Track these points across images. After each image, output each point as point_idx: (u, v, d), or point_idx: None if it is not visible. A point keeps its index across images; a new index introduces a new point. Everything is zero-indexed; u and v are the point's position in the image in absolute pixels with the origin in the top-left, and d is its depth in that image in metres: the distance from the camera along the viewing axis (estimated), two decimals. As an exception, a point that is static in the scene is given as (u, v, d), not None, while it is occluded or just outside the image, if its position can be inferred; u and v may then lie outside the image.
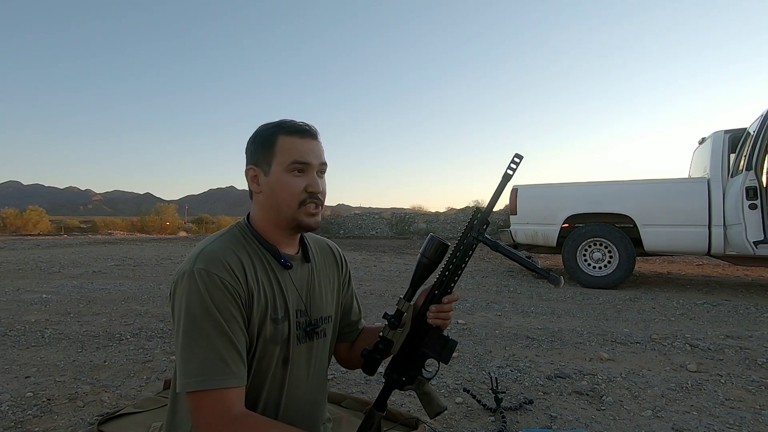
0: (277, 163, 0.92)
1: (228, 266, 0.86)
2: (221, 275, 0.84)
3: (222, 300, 0.83)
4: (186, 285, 0.83)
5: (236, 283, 0.86)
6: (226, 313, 0.83)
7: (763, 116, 4.19)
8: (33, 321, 3.10)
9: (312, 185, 0.93)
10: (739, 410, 1.74)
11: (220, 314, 0.82)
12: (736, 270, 6.39)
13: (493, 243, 0.92)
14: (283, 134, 0.93)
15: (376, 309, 3.60)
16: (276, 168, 0.92)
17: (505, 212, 11.55)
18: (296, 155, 0.92)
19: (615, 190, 5.03)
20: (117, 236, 17.88)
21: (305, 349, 0.99)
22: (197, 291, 0.82)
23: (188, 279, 0.83)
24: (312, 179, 0.93)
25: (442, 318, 0.95)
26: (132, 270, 5.95)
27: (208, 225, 35.91)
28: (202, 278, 0.83)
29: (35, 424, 1.59)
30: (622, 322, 3.26)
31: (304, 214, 0.93)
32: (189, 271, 0.84)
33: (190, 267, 0.84)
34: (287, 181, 0.92)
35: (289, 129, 0.93)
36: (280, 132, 0.93)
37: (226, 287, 0.84)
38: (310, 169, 0.93)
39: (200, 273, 0.83)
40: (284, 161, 0.91)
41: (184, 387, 0.80)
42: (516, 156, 0.89)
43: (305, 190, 0.92)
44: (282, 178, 0.92)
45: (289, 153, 0.92)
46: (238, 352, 0.84)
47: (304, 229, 0.96)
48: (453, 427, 1.60)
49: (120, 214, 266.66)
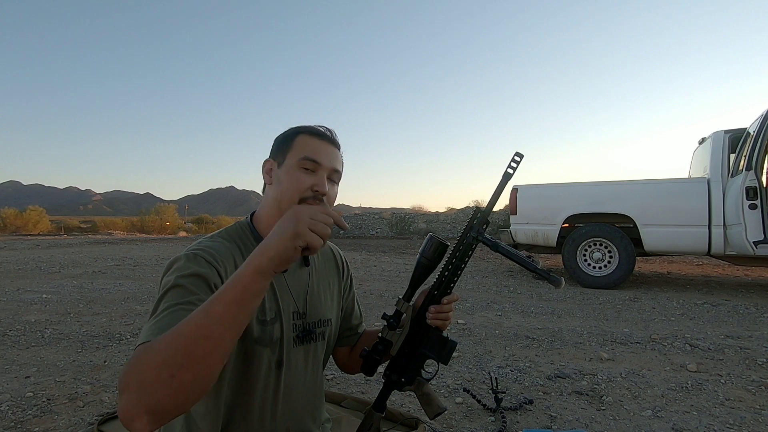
0: (291, 156, 0.94)
1: (218, 254, 0.86)
2: (208, 259, 0.84)
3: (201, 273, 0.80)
4: (174, 262, 0.84)
5: (223, 270, 0.84)
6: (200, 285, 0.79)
7: (763, 116, 4.19)
8: (33, 321, 3.10)
9: (319, 185, 0.92)
10: (739, 410, 1.74)
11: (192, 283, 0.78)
12: (736, 270, 6.39)
13: (493, 243, 0.91)
14: (303, 133, 0.96)
15: (376, 309, 3.60)
16: (288, 161, 0.94)
17: (505, 212, 11.54)
18: (308, 152, 0.93)
19: (615, 190, 5.03)
20: (117, 236, 17.88)
21: (302, 352, 0.99)
22: (181, 265, 0.82)
23: (175, 259, 0.85)
24: (320, 179, 0.93)
25: (441, 319, 0.94)
26: (132, 270, 5.95)
27: (208, 225, 35.90)
28: (188, 257, 0.83)
29: (35, 424, 1.59)
30: (622, 322, 3.26)
31: None
32: (182, 254, 0.85)
33: (184, 252, 0.86)
34: (295, 175, 0.92)
35: (310, 130, 0.97)
36: (301, 131, 0.96)
37: (210, 268, 0.82)
38: (320, 170, 0.93)
39: (187, 255, 0.84)
40: (297, 156, 0.93)
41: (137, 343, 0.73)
42: (516, 155, 0.88)
43: (311, 189, 0.92)
44: (291, 171, 0.93)
45: (303, 149, 0.93)
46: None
47: None
48: (453, 427, 1.60)
49: (120, 214, 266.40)
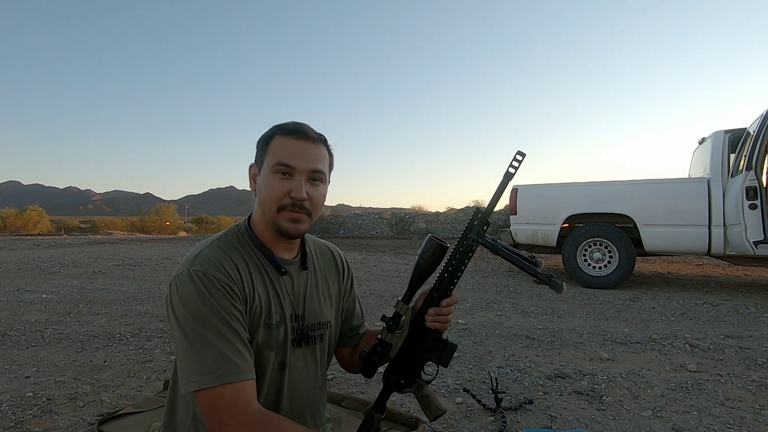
0: (267, 161, 0.90)
1: (224, 269, 0.85)
2: (217, 276, 0.83)
3: (222, 296, 0.82)
4: (184, 286, 0.82)
5: (233, 283, 0.85)
6: (228, 308, 0.82)
7: (763, 116, 4.19)
8: (33, 321, 3.10)
9: (295, 191, 0.88)
10: (739, 410, 1.74)
11: (222, 310, 0.81)
12: (736, 270, 6.38)
13: (494, 245, 0.89)
14: (280, 134, 0.91)
15: (376, 309, 3.60)
16: (265, 167, 0.91)
17: (505, 212, 11.53)
18: (281, 156, 0.88)
19: (615, 190, 5.02)
20: (117, 236, 17.88)
21: (302, 354, 0.99)
22: (197, 290, 0.81)
23: (185, 281, 0.82)
24: (296, 184, 0.88)
25: (440, 321, 0.93)
26: (132, 270, 5.95)
27: (208, 225, 35.88)
28: (200, 278, 0.82)
29: (35, 424, 1.59)
30: (622, 322, 3.26)
31: (283, 219, 0.90)
32: (186, 273, 0.83)
33: (187, 269, 0.83)
34: (271, 183, 0.89)
35: (286, 129, 0.91)
36: (278, 132, 0.91)
37: (223, 287, 0.83)
38: (296, 173, 0.89)
39: (197, 274, 0.82)
40: (271, 161, 0.89)
41: (198, 385, 0.77)
42: (518, 154, 0.85)
43: (288, 195, 0.88)
44: (267, 179, 0.90)
45: (277, 154, 0.89)
46: (245, 346, 0.83)
47: (284, 235, 0.92)
48: (453, 427, 1.60)
49: (120, 214, 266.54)
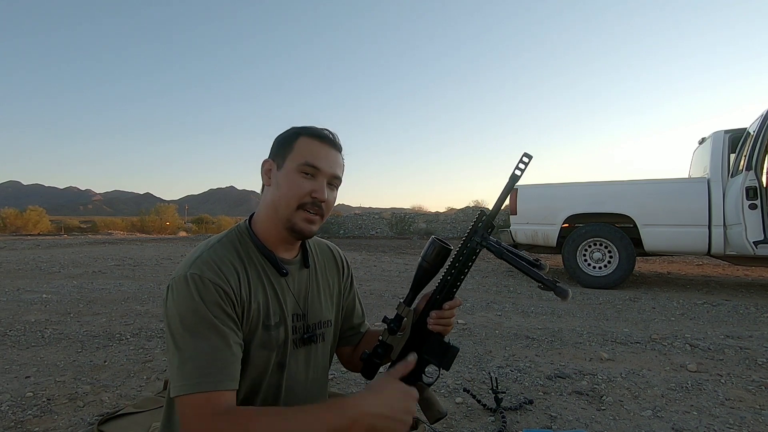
0: (291, 160, 0.92)
1: (221, 272, 0.85)
2: (214, 280, 0.83)
3: (215, 302, 0.82)
4: (179, 290, 0.82)
5: (229, 288, 0.85)
6: (220, 315, 0.82)
7: (763, 116, 4.19)
8: (33, 321, 3.10)
9: (318, 191, 0.91)
10: (739, 410, 1.74)
11: (214, 316, 0.81)
12: (736, 270, 6.39)
13: (498, 249, 0.88)
14: (305, 136, 0.94)
15: (376, 309, 3.60)
16: (288, 165, 0.92)
17: (505, 212, 11.53)
18: (309, 157, 0.91)
19: (615, 190, 5.03)
20: (117, 236, 17.88)
21: (303, 354, 0.99)
22: (190, 295, 0.81)
23: (181, 284, 0.82)
24: (319, 185, 0.92)
25: (443, 324, 0.93)
26: (132, 270, 5.95)
27: (208, 225, 35.88)
28: (195, 282, 0.82)
29: (35, 424, 1.59)
30: (622, 322, 3.26)
31: (300, 217, 0.92)
32: (182, 276, 0.83)
33: (184, 273, 0.83)
34: (294, 180, 0.91)
35: (312, 132, 0.94)
36: (303, 133, 0.94)
37: (218, 291, 0.83)
38: (320, 175, 0.92)
39: (193, 278, 0.82)
40: (297, 160, 0.92)
41: (177, 391, 0.77)
42: (525, 156, 0.84)
43: (309, 194, 0.91)
44: (290, 176, 0.92)
45: (304, 154, 0.92)
46: (233, 354, 0.82)
47: (297, 233, 0.94)
48: (453, 427, 1.60)
49: (120, 214, 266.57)
